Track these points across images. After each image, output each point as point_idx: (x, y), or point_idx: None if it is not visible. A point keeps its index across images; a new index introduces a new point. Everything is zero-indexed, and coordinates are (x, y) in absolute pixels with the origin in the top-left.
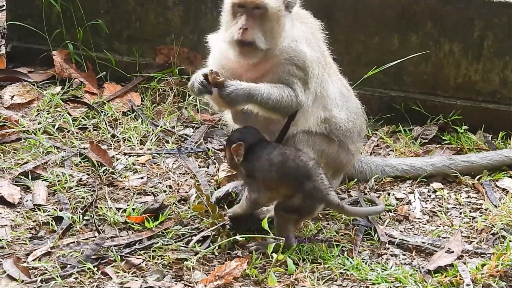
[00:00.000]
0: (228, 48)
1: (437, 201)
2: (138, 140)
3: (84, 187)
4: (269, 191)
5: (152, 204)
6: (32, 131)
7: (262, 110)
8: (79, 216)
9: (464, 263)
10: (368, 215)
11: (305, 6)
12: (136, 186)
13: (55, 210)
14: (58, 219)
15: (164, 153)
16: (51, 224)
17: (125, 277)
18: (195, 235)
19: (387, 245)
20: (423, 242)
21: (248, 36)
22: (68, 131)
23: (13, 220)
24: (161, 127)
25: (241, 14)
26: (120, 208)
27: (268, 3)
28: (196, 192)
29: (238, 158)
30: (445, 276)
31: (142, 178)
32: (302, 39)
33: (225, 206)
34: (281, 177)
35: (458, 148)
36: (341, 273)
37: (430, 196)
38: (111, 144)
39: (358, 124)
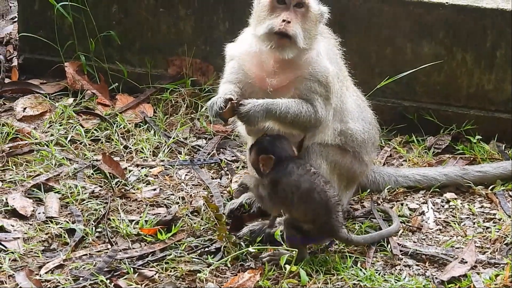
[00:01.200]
0: (262, 41)
1: (451, 211)
2: (150, 152)
3: (96, 199)
4: (283, 207)
5: (165, 216)
6: (45, 143)
7: (282, 126)
8: (92, 228)
9: (478, 273)
10: (381, 239)
11: None
12: (148, 198)
13: (68, 222)
14: (71, 232)
15: (177, 165)
16: (64, 237)
17: None
18: (208, 246)
19: (400, 255)
20: (436, 253)
21: (290, 29)
22: (80, 143)
23: (25, 233)
24: (173, 138)
25: (281, 10)
26: (133, 220)
27: (310, 2)
28: (204, 204)
29: (264, 169)
30: (459, 287)
31: (154, 189)
32: (325, 53)
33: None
34: (301, 203)
35: (472, 158)
36: (354, 284)
37: (443, 206)
38: (123, 156)
39: (373, 134)
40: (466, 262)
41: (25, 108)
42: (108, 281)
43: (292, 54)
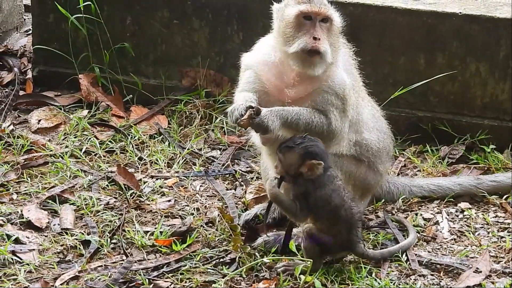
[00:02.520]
0: (293, 59)
1: (465, 221)
2: (165, 163)
3: (111, 211)
4: (309, 217)
5: (180, 227)
6: (59, 155)
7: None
8: (107, 240)
9: (493, 282)
10: (397, 252)
11: None
12: (163, 209)
13: (83, 234)
14: (86, 243)
15: (191, 176)
16: (79, 248)
17: None
18: (223, 257)
19: (415, 265)
20: (451, 262)
21: (321, 46)
22: (95, 155)
23: (40, 244)
24: (188, 149)
25: (308, 26)
26: (148, 231)
27: (334, 17)
28: (218, 215)
29: (309, 174)
30: None
31: (169, 201)
32: (341, 64)
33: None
34: (328, 217)
35: (486, 168)
36: None
37: (457, 216)
38: (138, 167)
39: (387, 144)
40: (481, 272)
41: (39, 120)
42: None
43: (322, 70)
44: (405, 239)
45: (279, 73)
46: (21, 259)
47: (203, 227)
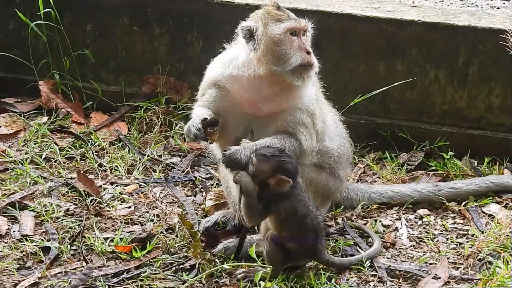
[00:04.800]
0: (289, 75)
1: (424, 228)
2: (125, 170)
3: (71, 217)
4: (273, 224)
5: (140, 234)
6: (19, 162)
7: None
8: (67, 246)
9: None
10: (364, 260)
11: None
12: (123, 216)
13: (43, 240)
14: (46, 249)
15: (151, 182)
16: (39, 255)
17: None
18: (183, 264)
19: (374, 272)
20: (410, 269)
21: (314, 59)
22: (55, 161)
23: (0, 251)
24: (148, 156)
25: (296, 41)
26: (108, 238)
27: (309, 27)
28: (178, 221)
29: (275, 188)
30: None
31: (129, 207)
32: None
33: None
34: (293, 225)
35: (444, 175)
36: None
37: (416, 222)
38: (98, 174)
39: (347, 148)
40: (440, 278)
41: None
42: None
43: (313, 77)
44: (367, 245)
45: (253, 89)
46: None
47: (163, 233)
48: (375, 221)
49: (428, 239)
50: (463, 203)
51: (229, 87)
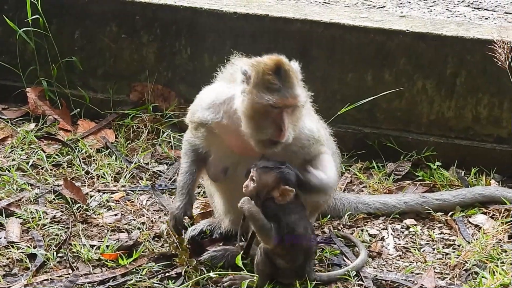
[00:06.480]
0: (254, 142)
1: (410, 237)
2: (112, 177)
3: (58, 224)
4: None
5: (126, 241)
6: (6, 168)
7: None
8: (53, 253)
9: None
10: (350, 271)
11: (283, 45)
12: (110, 223)
13: (29, 247)
14: (32, 257)
15: (138, 190)
16: (25, 262)
17: None
18: (169, 272)
19: (360, 281)
20: (396, 279)
21: (285, 136)
22: (42, 168)
23: None
24: (135, 163)
25: (274, 114)
26: (94, 245)
27: (302, 100)
28: (166, 228)
29: (279, 199)
30: None
31: (116, 215)
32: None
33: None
34: (289, 244)
35: (431, 185)
36: None
37: (403, 232)
38: (85, 181)
39: (336, 163)
40: None
41: None
42: None
43: (280, 148)
44: (354, 255)
45: (244, 139)
46: None
47: (150, 241)
48: (362, 230)
49: (415, 249)
50: (450, 213)
51: (219, 132)
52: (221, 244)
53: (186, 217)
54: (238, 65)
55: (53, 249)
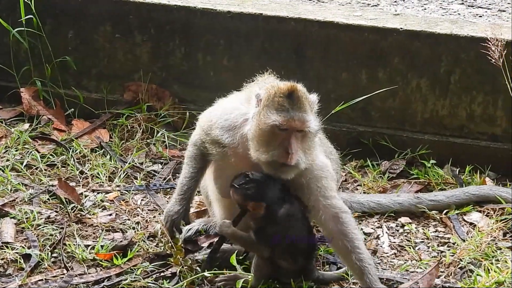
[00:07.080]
0: (264, 165)
1: (405, 236)
2: (106, 177)
3: (52, 224)
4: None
5: (121, 241)
6: (0, 168)
7: None
8: (48, 254)
9: None
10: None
11: (277, 44)
12: (104, 223)
13: (23, 247)
14: (26, 257)
15: (133, 190)
16: (19, 262)
17: None
18: (164, 271)
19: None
20: (391, 277)
21: (293, 160)
22: (36, 168)
23: None
24: (129, 163)
25: (282, 136)
26: (89, 245)
27: (311, 126)
28: (160, 228)
29: (255, 213)
30: None
31: (110, 215)
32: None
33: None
34: (285, 250)
35: (426, 183)
36: None
37: (398, 230)
38: (79, 181)
39: (335, 168)
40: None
41: None
42: None
43: (294, 174)
44: None
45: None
46: None
47: (144, 241)
48: None
49: (410, 247)
50: (445, 211)
51: (233, 155)
52: (217, 239)
53: (182, 221)
54: (256, 87)
55: (48, 249)
